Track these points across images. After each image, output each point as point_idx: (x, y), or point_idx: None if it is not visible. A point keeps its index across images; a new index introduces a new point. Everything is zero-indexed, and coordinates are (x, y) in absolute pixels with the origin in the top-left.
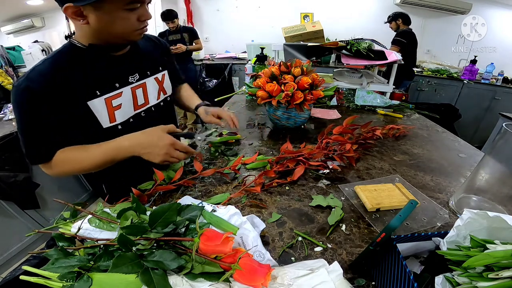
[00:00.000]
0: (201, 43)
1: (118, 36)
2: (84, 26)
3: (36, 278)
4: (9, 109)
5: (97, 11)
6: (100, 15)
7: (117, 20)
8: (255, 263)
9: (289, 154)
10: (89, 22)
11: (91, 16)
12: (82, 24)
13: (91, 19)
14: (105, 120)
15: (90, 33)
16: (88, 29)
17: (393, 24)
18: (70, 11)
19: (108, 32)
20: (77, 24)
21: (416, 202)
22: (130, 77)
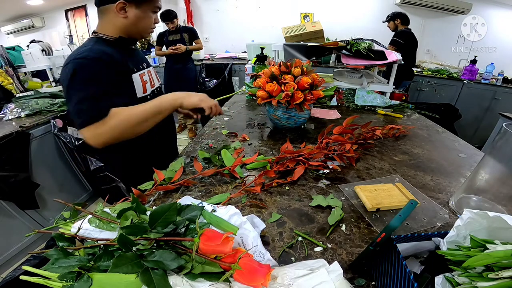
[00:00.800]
0: (201, 43)
1: (140, 31)
2: (122, 21)
3: (36, 278)
4: (9, 109)
5: (136, 9)
6: (137, 12)
7: (145, 18)
8: (255, 263)
9: (289, 154)
10: (127, 16)
11: (130, 12)
12: (122, 18)
13: (130, 14)
14: (140, 90)
15: (123, 27)
16: (122, 24)
17: (391, 24)
18: (119, 6)
19: (136, 26)
20: (112, 20)
21: (416, 202)
22: (142, 64)
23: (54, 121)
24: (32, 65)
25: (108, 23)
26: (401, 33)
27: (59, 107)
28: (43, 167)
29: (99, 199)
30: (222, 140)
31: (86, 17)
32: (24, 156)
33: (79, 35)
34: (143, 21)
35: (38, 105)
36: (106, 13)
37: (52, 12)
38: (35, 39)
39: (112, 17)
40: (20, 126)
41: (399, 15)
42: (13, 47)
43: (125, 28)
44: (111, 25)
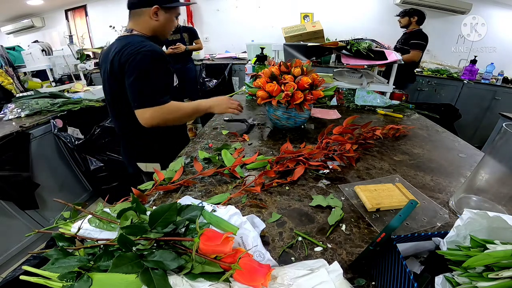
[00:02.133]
0: (201, 43)
1: (165, 32)
2: (153, 23)
3: (36, 278)
4: (9, 109)
5: (166, 14)
6: (166, 16)
7: (171, 22)
8: (255, 263)
9: (289, 154)
10: (159, 19)
11: (161, 16)
12: (153, 21)
13: (161, 18)
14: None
15: (154, 28)
16: (154, 25)
17: (405, 19)
18: (153, 11)
19: (164, 28)
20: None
21: (416, 202)
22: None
23: (54, 121)
24: (32, 65)
25: (142, 24)
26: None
27: (59, 107)
28: (43, 167)
29: (99, 199)
30: (222, 140)
31: (86, 17)
32: (25, 156)
33: (79, 35)
34: (169, 24)
35: (38, 105)
36: (141, 15)
37: (52, 12)
38: (38, 40)
39: (146, 19)
40: (20, 126)
41: (418, 13)
42: (13, 47)
43: (156, 29)
44: (146, 26)
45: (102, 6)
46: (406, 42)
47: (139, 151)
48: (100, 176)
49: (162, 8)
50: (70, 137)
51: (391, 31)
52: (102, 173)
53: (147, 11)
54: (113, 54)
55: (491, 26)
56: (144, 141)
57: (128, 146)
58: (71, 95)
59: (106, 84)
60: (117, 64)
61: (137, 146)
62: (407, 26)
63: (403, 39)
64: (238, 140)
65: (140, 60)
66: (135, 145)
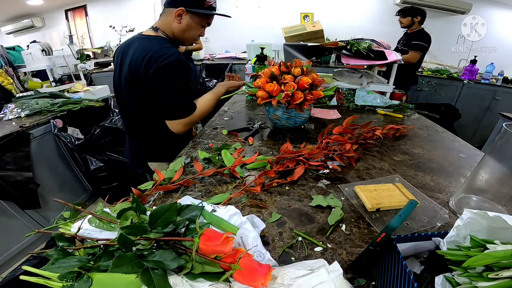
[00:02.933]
0: (201, 43)
1: (185, 38)
2: (175, 25)
3: (36, 278)
4: (9, 109)
5: (190, 19)
6: (190, 21)
7: (194, 29)
8: (255, 263)
9: (289, 154)
10: (181, 23)
11: (184, 20)
12: (175, 23)
13: (183, 21)
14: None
15: (175, 31)
16: (175, 27)
17: (408, 19)
18: (178, 13)
19: (184, 33)
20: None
21: (416, 202)
22: None
23: (54, 121)
24: (32, 65)
25: (166, 24)
26: (422, 34)
27: (59, 107)
28: (43, 167)
29: (99, 199)
30: (222, 140)
31: (86, 17)
32: (25, 156)
33: (79, 35)
34: (192, 31)
35: (38, 105)
36: (167, 14)
37: (52, 12)
38: (36, 40)
39: (170, 20)
40: (20, 126)
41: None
42: (13, 47)
43: (176, 32)
44: (168, 26)
45: (102, 6)
46: (408, 43)
47: (153, 151)
48: (100, 176)
49: (188, 12)
50: (70, 137)
51: (391, 31)
52: (102, 173)
53: (173, 11)
54: (137, 55)
55: (491, 26)
56: (158, 142)
57: (136, 145)
58: (71, 95)
59: (122, 83)
60: (142, 67)
61: (151, 146)
62: (409, 26)
63: (404, 39)
64: (238, 140)
65: (170, 69)
66: (148, 145)
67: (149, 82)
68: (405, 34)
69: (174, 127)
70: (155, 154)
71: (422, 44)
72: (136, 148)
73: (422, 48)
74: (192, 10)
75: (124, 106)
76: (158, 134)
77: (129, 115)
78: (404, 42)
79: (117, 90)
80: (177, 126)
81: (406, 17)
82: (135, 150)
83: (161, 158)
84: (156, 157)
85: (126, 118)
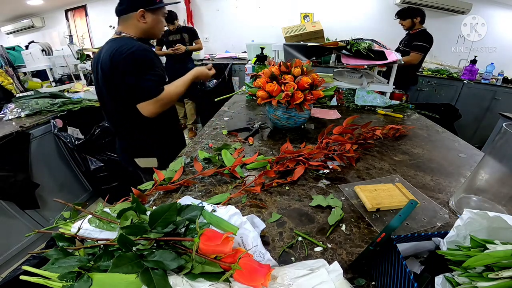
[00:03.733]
0: (201, 43)
1: (156, 32)
2: (142, 25)
3: (36, 278)
4: (9, 109)
5: (153, 15)
6: (153, 17)
7: (159, 22)
8: (255, 263)
9: (289, 154)
10: (147, 21)
11: (148, 18)
12: (142, 23)
13: (148, 20)
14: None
15: (144, 30)
16: (143, 27)
17: (408, 21)
18: (140, 14)
19: (154, 29)
20: (134, 24)
21: (416, 202)
22: None
23: (54, 121)
24: (32, 65)
25: (131, 27)
26: (424, 34)
27: (59, 107)
28: (43, 167)
29: (99, 199)
30: (222, 140)
31: (86, 17)
32: (24, 156)
33: (79, 35)
34: (158, 24)
35: (38, 105)
36: (128, 19)
37: (52, 12)
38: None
39: (134, 23)
40: (20, 126)
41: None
42: (13, 47)
43: (145, 31)
44: (135, 28)
45: (102, 6)
46: (409, 43)
47: (136, 147)
48: (100, 176)
49: (147, 10)
50: (70, 137)
51: (391, 31)
52: (102, 173)
53: (134, 15)
54: (104, 55)
55: (491, 26)
56: (140, 137)
57: (124, 143)
58: (71, 95)
59: (100, 86)
60: (110, 64)
61: (134, 142)
62: (411, 28)
63: (406, 40)
64: (238, 140)
65: (134, 57)
66: (131, 141)
67: (119, 75)
68: (407, 35)
69: (145, 109)
70: (141, 150)
71: (423, 45)
72: (124, 146)
73: (423, 49)
74: (150, 7)
75: (105, 107)
76: (141, 129)
77: (112, 115)
78: (405, 42)
79: (98, 94)
80: (146, 107)
81: (406, 19)
82: (123, 148)
83: (147, 153)
84: (143, 152)
85: (110, 118)
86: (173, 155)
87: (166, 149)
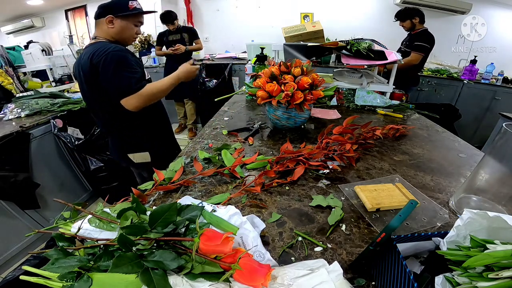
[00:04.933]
0: (201, 43)
1: (124, 38)
2: (110, 30)
3: (36, 278)
4: (9, 109)
5: (121, 22)
6: (122, 24)
7: (128, 29)
8: (255, 263)
9: (289, 154)
10: (114, 27)
11: (116, 24)
12: (110, 28)
13: (116, 26)
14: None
15: (112, 34)
16: (111, 32)
17: (408, 23)
18: (108, 20)
19: (121, 35)
20: (105, 29)
21: (416, 202)
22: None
23: (54, 121)
24: (32, 65)
25: (103, 31)
26: (425, 35)
27: (59, 107)
28: (43, 167)
29: (99, 199)
30: (222, 140)
31: (86, 17)
32: (24, 156)
33: (79, 35)
34: (127, 31)
35: (38, 105)
36: (100, 24)
37: (52, 12)
38: (32, 40)
39: (104, 28)
40: (20, 126)
41: (418, 12)
42: (13, 47)
43: (114, 35)
44: (105, 33)
45: None
46: (411, 44)
47: (128, 143)
48: (100, 176)
49: (117, 17)
50: (70, 137)
51: (391, 31)
52: (102, 173)
53: (104, 20)
54: (84, 59)
55: (491, 26)
56: (129, 133)
57: (116, 141)
58: (71, 95)
59: (85, 89)
60: (90, 66)
61: (125, 138)
62: (412, 29)
63: (407, 40)
64: (238, 140)
65: (111, 57)
66: (122, 138)
67: (99, 76)
68: (408, 35)
69: (128, 104)
70: (132, 145)
71: (424, 45)
72: (116, 144)
73: (424, 49)
74: (119, 14)
75: (93, 109)
76: (130, 125)
77: (100, 116)
78: (407, 43)
79: (84, 98)
80: (129, 101)
81: (405, 20)
82: (116, 145)
83: (139, 147)
84: (134, 147)
85: (99, 119)
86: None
87: (156, 142)
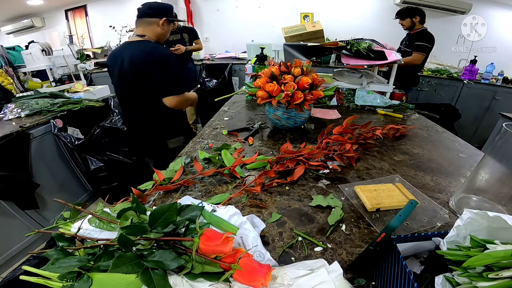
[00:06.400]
0: (201, 43)
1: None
2: (159, 31)
3: (36, 278)
4: (9, 109)
5: (168, 26)
6: (168, 28)
7: (167, 33)
8: (255, 263)
9: (289, 154)
10: (163, 29)
11: (165, 27)
12: (160, 29)
13: (165, 27)
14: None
15: (159, 35)
16: (160, 33)
17: (407, 21)
18: (163, 21)
19: (165, 35)
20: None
21: (416, 202)
22: None
23: (54, 121)
24: (32, 65)
25: (151, 31)
26: (425, 34)
27: (59, 107)
28: (43, 167)
29: (99, 199)
30: (222, 140)
31: (86, 17)
32: (24, 156)
33: (79, 35)
34: (167, 34)
35: (38, 105)
36: (150, 23)
37: (52, 12)
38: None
39: (154, 27)
40: (20, 126)
41: (419, 11)
42: (13, 47)
43: (160, 36)
44: (154, 32)
45: (102, 6)
46: (411, 44)
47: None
48: (100, 176)
49: (167, 20)
50: (70, 137)
51: (391, 31)
52: (102, 173)
53: (157, 21)
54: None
55: (491, 26)
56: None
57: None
58: (71, 95)
59: (126, 81)
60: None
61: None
62: (411, 28)
63: (407, 40)
64: (238, 140)
65: (164, 60)
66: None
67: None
68: (407, 35)
69: (170, 102)
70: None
71: (425, 45)
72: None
73: (425, 49)
74: (169, 19)
75: (132, 100)
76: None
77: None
78: (407, 43)
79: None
80: (172, 100)
81: (405, 19)
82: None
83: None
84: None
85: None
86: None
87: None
